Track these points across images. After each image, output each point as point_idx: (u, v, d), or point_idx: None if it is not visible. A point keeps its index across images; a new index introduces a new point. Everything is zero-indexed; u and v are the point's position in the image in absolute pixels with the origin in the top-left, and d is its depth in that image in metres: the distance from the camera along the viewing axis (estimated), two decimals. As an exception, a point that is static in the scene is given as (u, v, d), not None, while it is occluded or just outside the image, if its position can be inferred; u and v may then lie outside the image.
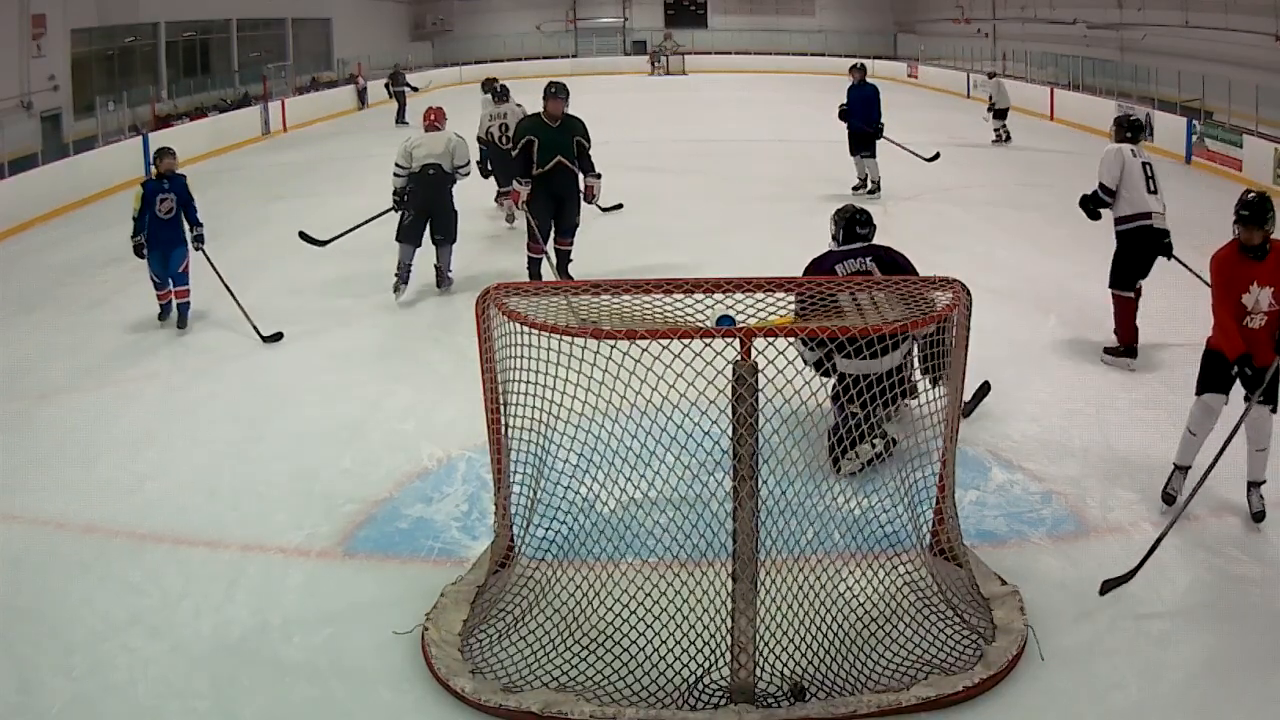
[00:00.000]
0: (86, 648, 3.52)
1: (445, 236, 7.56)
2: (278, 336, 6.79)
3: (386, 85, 14.63)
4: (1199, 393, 4.28)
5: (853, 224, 5.03)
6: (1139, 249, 6.04)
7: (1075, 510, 4.36)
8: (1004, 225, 9.99)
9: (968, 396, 4.82)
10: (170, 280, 7.08)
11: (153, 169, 7.29)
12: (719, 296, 3.49)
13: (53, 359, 6.61)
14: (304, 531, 4.30)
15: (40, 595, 3.87)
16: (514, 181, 7.31)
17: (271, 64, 24.49)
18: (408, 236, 7.45)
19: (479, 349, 3.63)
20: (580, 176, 7.36)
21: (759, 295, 3.48)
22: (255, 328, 6.78)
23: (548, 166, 7.19)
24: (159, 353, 6.66)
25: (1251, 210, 4.15)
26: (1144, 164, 6.07)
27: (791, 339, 3.46)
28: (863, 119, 10.89)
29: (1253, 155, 12.07)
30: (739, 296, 3.46)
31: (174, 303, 7.15)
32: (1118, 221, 6.11)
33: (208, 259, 7.06)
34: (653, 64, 32.23)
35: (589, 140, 7.37)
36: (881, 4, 34.01)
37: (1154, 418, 5.20)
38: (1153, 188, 6.04)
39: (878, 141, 11.01)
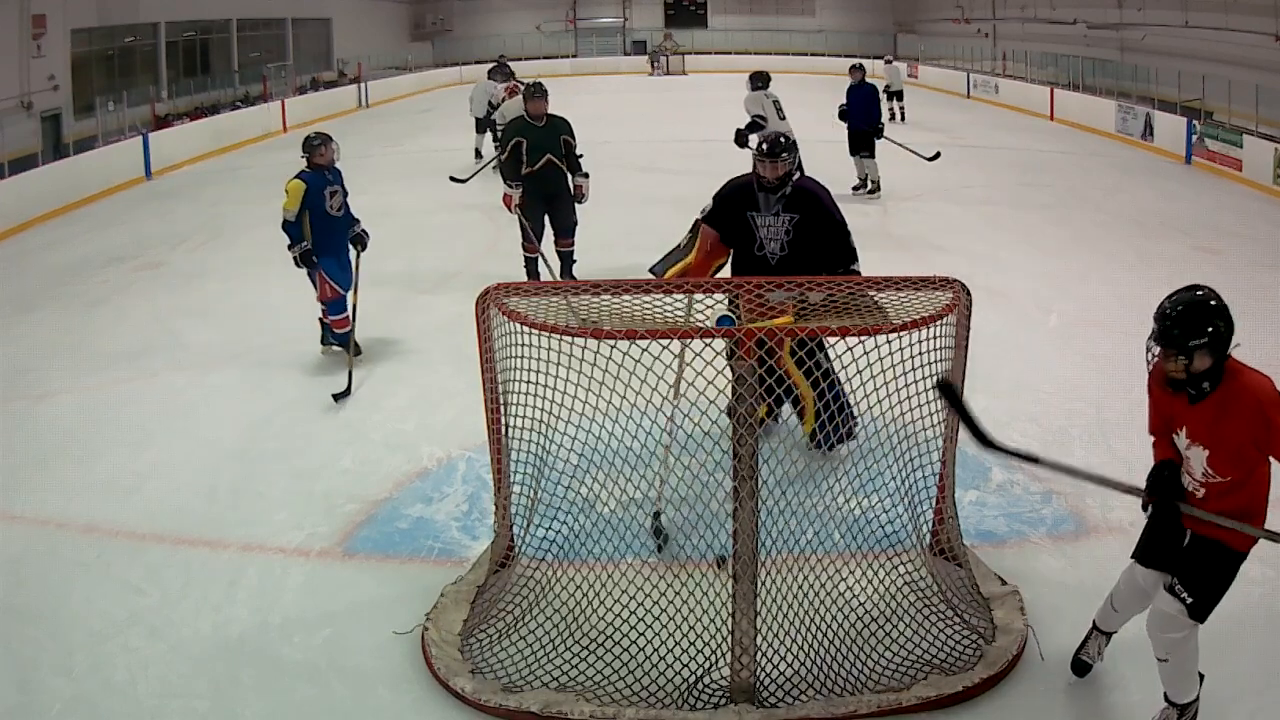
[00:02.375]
0: (86, 648, 3.52)
1: None
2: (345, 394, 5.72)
3: (490, 77, 14.74)
4: (1133, 554, 3.09)
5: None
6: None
7: (1075, 510, 4.36)
8: (1004, 225, 9.99)
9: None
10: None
11: (307, 160, 6.03)
12: (719, 296, 3.49)
13: (53, 359, 6.61)
14: (304, 531, 4.30)
15: (40, 595, 3.87)
16: (505, 185, 7.31)
17: (271, 64, 24.51)
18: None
19: (479, 349, 3.63)
20: (569, 176, 7.37)
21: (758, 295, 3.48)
22: (350, 374, 5.86)
23: (537, 166, 7.21)
24: (159, 353, 6.65)
25: (1162, 322, 2.69)
26: (774, 102, 9.65)
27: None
28: (862, 119, 10.89)
29: (1253, 155, 12.07)
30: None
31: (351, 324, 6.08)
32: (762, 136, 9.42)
33: (355, 266, 6.15)
34: (652, 64, 32.21)
35: (575, 139, 7.40)
36: (881, 4, 34.00)
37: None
38: (781, 116, 9.58)
39: (878, 142, 11.02)
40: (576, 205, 7.47)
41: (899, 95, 18.19)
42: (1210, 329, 2.64)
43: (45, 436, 5.38)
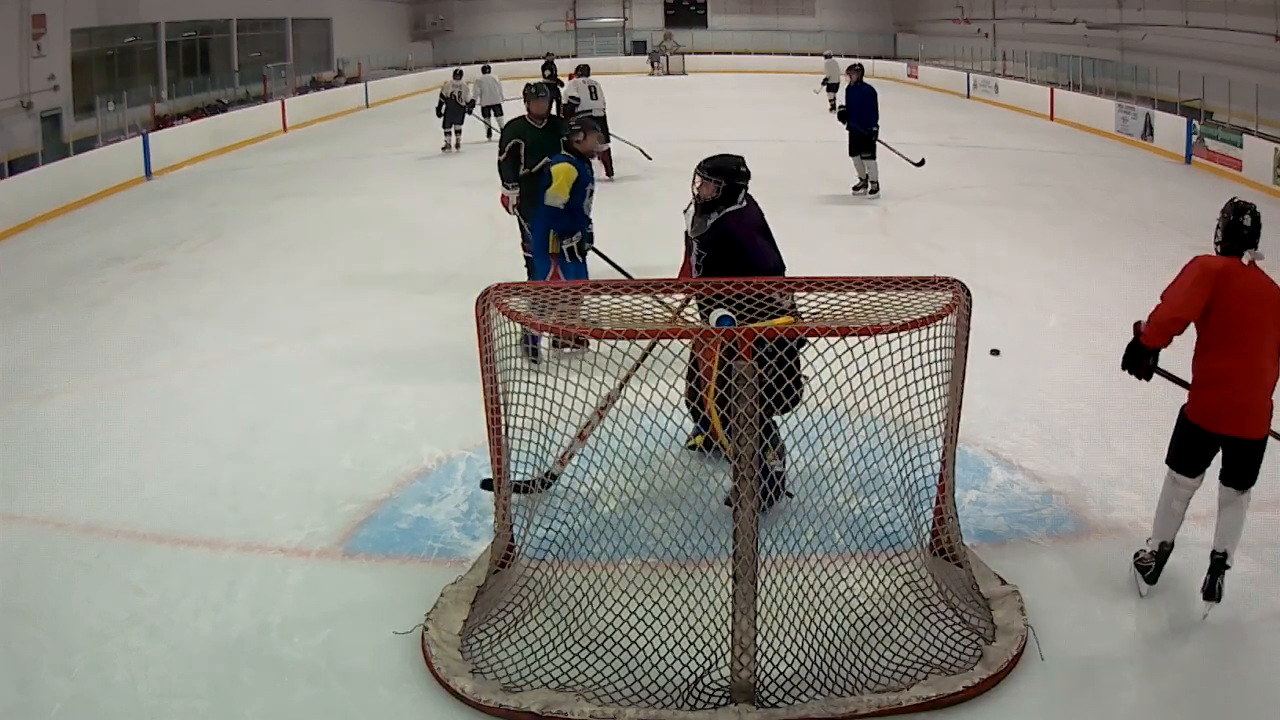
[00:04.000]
0: (86, 648, 3.52)
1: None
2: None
3: (541, 75, 14.75)
4: None
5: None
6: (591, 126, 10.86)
7: (1075, 510, 4.36)
8: (1004, 225, 9.99)
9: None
10: None
11: (566, 144, 5.66)
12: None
13: (53, 359, 6.61)
14: (304, 531, 4.29)
15: (40, 595, 3.87)
16: (503, 186, 7.30)
17: (271, 64, 24.51)
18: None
19: (479, 349, 3.63)
20: None
21: (758, 295, 3.48)
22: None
23: (536, 168, 7.20)
24: (159, 353, 6.65)
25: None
26: (589, 87, 12.39)
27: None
28: (860, 120, 10.85)
29: (1253, 155, 12.07)
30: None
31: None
32: (576, 114, 11.17)
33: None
34: (652, 64, 32.20)
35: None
36: (881, 4, 34.01)
37: (1154, 418, 5.18)
38: (594, 97, 12.36)
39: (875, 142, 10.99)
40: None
41: (834, 88, 19.84)
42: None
43: (45, 436, 5.38)
